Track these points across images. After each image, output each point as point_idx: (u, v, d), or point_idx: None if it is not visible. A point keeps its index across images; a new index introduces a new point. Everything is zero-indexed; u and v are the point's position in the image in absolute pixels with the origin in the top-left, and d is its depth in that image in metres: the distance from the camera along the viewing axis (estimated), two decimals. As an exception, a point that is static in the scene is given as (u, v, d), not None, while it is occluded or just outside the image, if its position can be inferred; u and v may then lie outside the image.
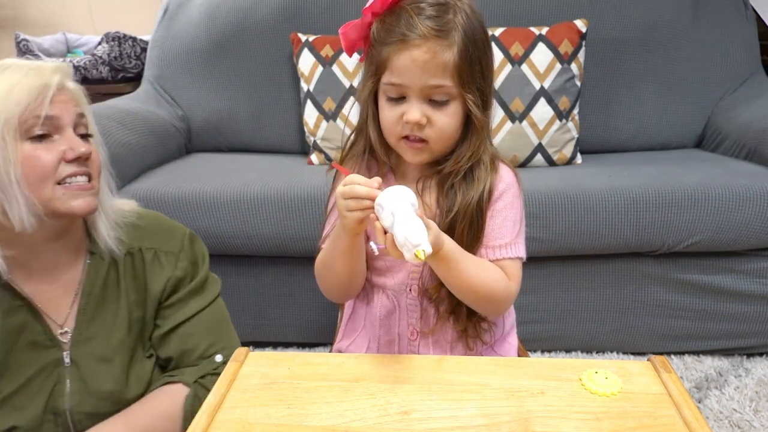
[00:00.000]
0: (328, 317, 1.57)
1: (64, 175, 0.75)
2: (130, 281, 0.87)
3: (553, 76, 1.68)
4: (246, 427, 0.64)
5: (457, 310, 0.87)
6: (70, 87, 0.80)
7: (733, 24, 1.89)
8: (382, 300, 0.92)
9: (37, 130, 0.74)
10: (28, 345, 0.80)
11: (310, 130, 1.82)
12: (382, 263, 0.91)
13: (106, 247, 0.84)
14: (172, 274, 0.88)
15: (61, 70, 0.78)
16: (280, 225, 1.45)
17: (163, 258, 0.88)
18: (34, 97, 0.73)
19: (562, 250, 1.44)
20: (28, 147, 0.73)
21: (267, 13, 1.90)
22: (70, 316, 0.83)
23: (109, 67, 2.26)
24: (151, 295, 0.87)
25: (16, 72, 0.74)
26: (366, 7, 0.79)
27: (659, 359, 0.74)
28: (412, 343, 0.91)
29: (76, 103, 0.80)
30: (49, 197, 0.75)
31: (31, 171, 0.73)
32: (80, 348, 0.83)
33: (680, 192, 1.40)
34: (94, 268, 0.85)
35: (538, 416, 0.65)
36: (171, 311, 0.89)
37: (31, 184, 0.73)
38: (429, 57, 0.75)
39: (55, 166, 0.75)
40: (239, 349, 0.81)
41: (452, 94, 0.78)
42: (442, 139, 0.80)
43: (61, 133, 0.76)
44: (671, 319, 1.53)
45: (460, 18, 0.76)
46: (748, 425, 1.29)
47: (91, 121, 0.83)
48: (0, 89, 0.72)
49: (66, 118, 0.77)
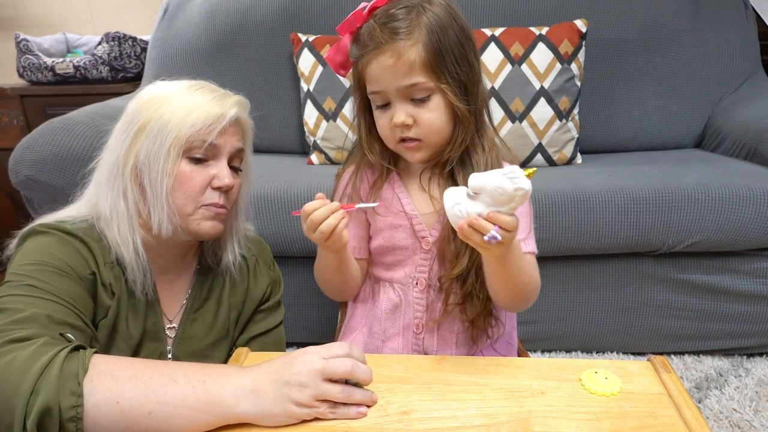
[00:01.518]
0: (328, 317, 1.57)
1: (207, 201, 0.82)
2: (232, 286, 0.94)
3: (553, 76, 1.68)
4: (246, 427, 0.64)
5: (467, 301, 0.88)
6: (242, 121, 0.86)
7: (733, 24, 1.89)
8: (388, 294, 0.93)
9: (197, 153, 0.80)
10: (145, 332, 0.86)
11: (310, 130, 1.82)
12: (390, 258, 0.92)
13: (222, 263, 0.91)
14: (269, 281, 0.98)
15: (240, 104, 0.85)
16: (280, 225, 1.45)
17: (262, 266, 0.98)
18: (207, 124, 0.80)
19: (562, 250, 1.44)
20: (185, 165, 0.80)
21: (267, 13, 1.90)
22: (179, 315, 0.91)
23: (109, 67, 2.26)
24: (251, 298, 0.95)
25: (204, 96, 0.82)
26: (341, 27, 0.83)
27: (659, 359, 0.74)
28: (417, 336, 0.91)
29: (240, 138, 0.86)
30: (188, 213, 0.82)
31: (180, 187, 0.80)
32: (182, 345, 0.89)
33: (680, 192, 1.40)
34: (202, 275, 0.93)
35: (538, 416, 0.65)
36: (261, 317, 0.98)
37: (177, 198, 0.80)
38: (394, 60, 0.78)
39: (203, 190, 0.82)
40: (239, 349, 0.82)
41: (430, 88, 0.80)
42: (434, 134, 0.83)
43: (217, 160, 0.83)
44: (671, 319, 1.53)
45: (424, 17, 0.78)
46: (748, 425, 1.29)
47: (248, 156, 0.89)
48: (184, 108, 0.79)
49: (226, 149, 0.83)
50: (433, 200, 0.88)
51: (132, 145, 0.80)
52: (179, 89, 0.82)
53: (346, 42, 0.84)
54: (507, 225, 0.67)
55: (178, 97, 0.81)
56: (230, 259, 0.91)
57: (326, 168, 1.74)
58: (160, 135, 0.78)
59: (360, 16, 0.81)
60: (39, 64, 2.24)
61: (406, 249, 0.91)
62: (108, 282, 0.80)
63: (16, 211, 2.22)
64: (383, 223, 0.91)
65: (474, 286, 0.87)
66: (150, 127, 0.79)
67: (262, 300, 0.97)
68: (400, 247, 0.91)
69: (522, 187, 0.65)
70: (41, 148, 1.43)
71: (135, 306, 0.84)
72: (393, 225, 0.91)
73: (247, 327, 0.97)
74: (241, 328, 0.96)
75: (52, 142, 1.42)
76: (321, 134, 1.79)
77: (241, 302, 0.95)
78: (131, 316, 0.84)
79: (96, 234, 0.81)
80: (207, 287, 0.92)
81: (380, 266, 0.95)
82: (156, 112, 0.79)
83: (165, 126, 0.78)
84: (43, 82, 2.28)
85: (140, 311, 0.85)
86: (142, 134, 0.79)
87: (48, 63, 2.24)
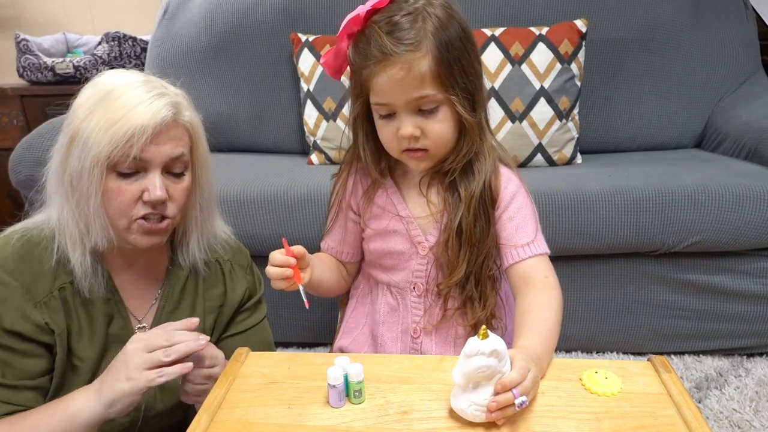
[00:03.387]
0: (328, 317, 1.57)
1: (138, 216, 0.78)
2: (208, 289, 0.92)
3: (553, 76, 1.68)
4: (246, 427, 0.64)
5: (467, 306, 0.88)
6: (183, 122, 0.79)
7: (733, 24, 1.89)
8: (386, 297, 0.92)
9: (124, 169, 0.75)
10: (112, 337, 0.84)
11: (310, 130, 1.82)
12: (388, 261, 0.91)
13: (191, 262, 0.89)
14: (247, 285, 0.96)
15: (174, 105, 0.77)
16: (280, 225, 1.45)
17: (239, 270, 0.95)
18: (126, 139, 0.73)
19: (562, 250, 1.44)
20: (112, 181, 0.75)
21: (267, 13, 1.90)
22: (149, 316, 0.88)
23: (109, 67, 2.26)
24: (230, 303, 0.94)
25: (130, 101, 0.74)
26: (339, 33, 0.80)
27: (659, 359, 0.74)
28: (415, 340, 0.91)
29: (178, 142, 0.78)
30: (123, 227, 0.78)
31: (109, 204, 0.76)
32: None
33: (680, 192, 1.40)
34: (174, 275, 0.90)
35: (538, 416, 0.65)
36: (242, 317, 0.96)
37: (109, 213, 0.77)
38: (405, 73, 0.75)
39: (132, 205, 0.77)
40: (239, 349, 0.82)
41: (438, 100, 0.78)
42: (441, 145, 0.82)
43: (148, 172, 0.77)
44: (671, 319, 1.53)
45: (430, 25, 0.76)
46: (748, 425, 1.29)
47: (199, 154, 0.83)
48: (104, 121, 0.73)
49: (157, 160, 0.76)
50: (430, 204, 0.87)
51: (65, 155, 0.77)
52: (111, 92, 0.75)
53: (345, 47, 0.81)
54: (515, 382, 0.62)
55: (104, 104, 0.74)
56: (199, 257, 0.88)
57: (326, 168, 1.74)
58: (83, 151, 0.74)
59: (358, 20, 0.78)
60: (39, 64, 2.24)
61: (402, 254, 0.90)
62: (43, 321, 0.77)
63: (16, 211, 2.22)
64: (379, 228, 0.91)
65: (473, 291, 0.87)
66: (78, 139, 0.75)
67: (240, 303, 0.95)
68: (396, 252, 0.90)
69: (490, 348, 0.60)
70: (41, 148, 1.43)
71: (91, 318, 0.82)
72: (388, 230, 0.90)
73: (228, 328, 0.95)
74: (221, 331, 0.95)
75: (52, 142, 1.42)
76: (321, 134, 1.79)
77: (217, 306, 0.92)
78: (87, 332, 0.82)
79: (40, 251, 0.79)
80: (179, 288, 0.90)
81: (378, 269, 0.94)
82: (82, 123, 0.74)
83: (87, 141, 0.73)
84: (43, 82, 2.28)
85: (98, 320, 0.82)
86: (72, 146, 0.76)
87: (48, 63, 2.24)
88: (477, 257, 0.85)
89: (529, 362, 0.65)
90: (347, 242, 0.95)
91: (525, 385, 0.62)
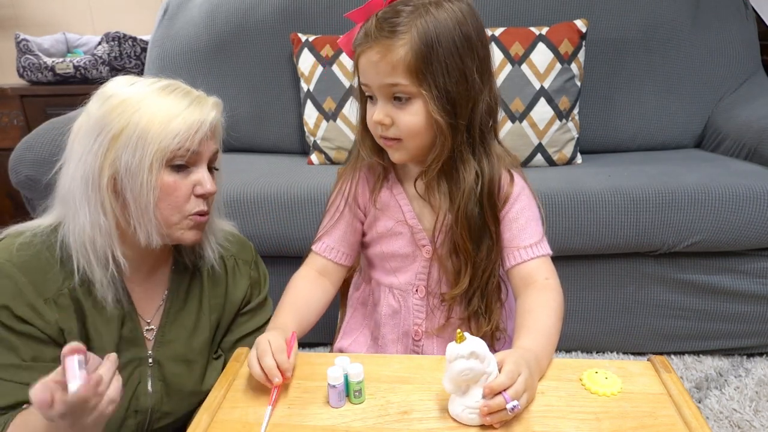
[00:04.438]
0: (328, 317, 1.56)
1: (192, 211, 0.79)
2: (212, 287, 0.91)
3: (553, 76, 1.68)
4: (246, 427, 0.64)
5: (472, 319, 0.87)
6: (218, 123, 0.83)
7: (733, 24, 1.89)
8: (388, 299, 0.92)
9: (179, 161, 0.76)
10: (124, 340, 0.83)
11: (310, 130, 1.82)
12: (392, 263, 0.91)
13: (205, 261, 0.88)
14: (250, 281, 0.94)
15: (218, 106, 0.82)
16: (280, 225, 1.45)
17: (242, 266, 0.94)
18: (192, 132, 0.75)
19: (562, 250, 1.44)
20: (167, 175, 0.76)
21: (267, 13, 1.90)
22: (156, 317, 0.87)
23: (109, 67, 2.26)
24: (231, 301, 0.92)
25: (180, 100, 0.77)
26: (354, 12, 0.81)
27: (659, 359, 0.74)
28: (417, 343, 0.91)
29: (216, 140, 0.82)
30: (174, 223, 0.79)
31: (165, 198, 0.77)
32: (163, 349, 0.86)
33: (680, 192, 1.40)
34: (178, 274, 0.89)
35: (538, 416, 0.65)
36: (244, 319, 0.95)
37: (162, 209, 0.77)
38: (379, 57, 0.77)
39: (187, 199, 0.79)
40: (239, 349, 0.82)
41: (411, 92, 0.78)
42: (411, 137, 0.80)
43: (198, 166, 0.79)
44: (671, 319, 1.53)
45: (423, 20, 0.76)
46: (748, 425, 1.29)
47: (220, 155, 0.86)
48: (162, 115, 0.74)
49: (206, 154, 0.79)
50: (432, 207, 0.86)
51: (107, 155, 0.74)
52: (150, 92, 0.76)
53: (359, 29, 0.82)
54: (503, 386, 0.62)
55: (151, 101, 0.75)
56: (209, 255, 0.88)
57: (326, 168, 1.74)
58: (140, 145, 0.73)
59: (379, 4, 0.79)
60: (39, 64, 2.24)
61: (406, 257, 0.90)
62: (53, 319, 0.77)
63: (16, 211, 2.22)
64: (383, 229, 0.90)
65: (480, 307, 0.86)
66: (126, 135, 0.73)
67: (243, 302, 0.94)
68: (400, 254, 0.90)
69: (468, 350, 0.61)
70: (41, 148, 1.43)
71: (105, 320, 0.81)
72: (393, 232, 0.89)
73: (231, 329, 0.94)
74: (224, 331, 0.93)
75: (52, 142, 1.43)
76: (321, 134, 1.79)
77: (220, 304, 0.91)
78: (103, 328, 0.81)
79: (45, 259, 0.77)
80: (185, 287, 0.89)
81: (381, 271, 0.94)
82: (131, 119, 0.73)
83: (144, 135, 0.73)
84: (43, 82, 2.28)
85: (113, 321, 0.82)
86: (117, 143, 0.73)
87: (48, 63, 2.24)
88: (483, 273, 0.85)
89: (520, 365, 0.65)
90: (347, 240, 0.93)
91: (516, 389, 0.62)
